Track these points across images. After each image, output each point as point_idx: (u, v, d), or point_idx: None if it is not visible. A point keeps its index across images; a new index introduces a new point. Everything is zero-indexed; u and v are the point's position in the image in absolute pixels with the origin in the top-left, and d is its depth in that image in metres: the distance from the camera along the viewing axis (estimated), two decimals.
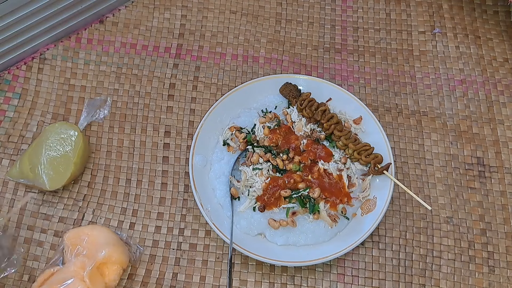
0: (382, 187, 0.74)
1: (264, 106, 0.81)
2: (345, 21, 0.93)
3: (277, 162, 0.74)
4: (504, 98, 0.85)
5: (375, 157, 0.74)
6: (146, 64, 0.87)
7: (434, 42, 0.90)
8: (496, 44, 0.90)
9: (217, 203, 0.74)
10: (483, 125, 0.83)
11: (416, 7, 0.93)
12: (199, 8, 0.92)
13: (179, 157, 0.80)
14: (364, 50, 0.90)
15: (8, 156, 0.78)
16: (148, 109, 0.83)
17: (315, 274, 0.72)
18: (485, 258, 0.73)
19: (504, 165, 0.80)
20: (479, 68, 0.88)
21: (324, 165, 0.75)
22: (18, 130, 0.80)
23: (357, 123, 0.79)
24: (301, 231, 0.71)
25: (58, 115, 0.82)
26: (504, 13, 0.93)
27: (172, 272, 0.72)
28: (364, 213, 0.73)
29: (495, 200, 0.77)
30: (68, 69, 0.86)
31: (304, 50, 0.89)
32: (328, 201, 0.72)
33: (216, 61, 0.88)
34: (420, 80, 0.87)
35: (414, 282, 0.72)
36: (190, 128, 0.82)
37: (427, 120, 0.83)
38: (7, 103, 0.82)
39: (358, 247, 0.73)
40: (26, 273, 0.71)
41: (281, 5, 0.93)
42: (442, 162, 0.80)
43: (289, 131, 0.77)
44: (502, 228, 0.75)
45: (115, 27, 0.89)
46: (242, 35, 0.90)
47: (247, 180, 0.74)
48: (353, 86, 0.86)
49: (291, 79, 0.81)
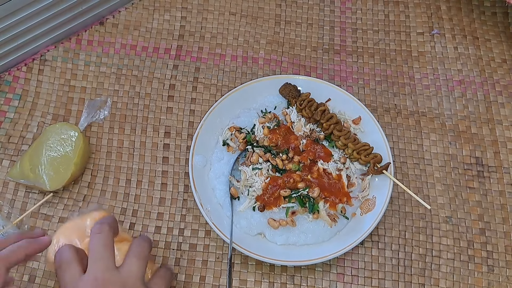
0: (381, 187, 0.74)
1: (264, 106, 0.81)
2: (344, 23, 0.93)
3: (277, 162, 0.74)
4: (502, 98, 0.85)
5: (375, 156, 0.74)
6: (146, 65, 0.87)
7: (432, 43, 0.91)
8: (494, 45, 0.90)
9: (217, 203, 0.74)
10: (482, 125, 0.83)
11: (415, 9, 0.94)
12: (199, 9, 0.93)
13: (179, 158, 0.80)
14: (363, 51, 0.90)
15: (9, 157, 0.79)
16: (148, 110, 0.84)
17: (315, 274, 0.72)
18: (484, 258, 0.74)
19: (502, 165, 0.80)
20: (477, 68, 0.88)
21: (323, 164, 0.75)
22: (18, 131, 0.81)
23: (356, 123, 0.79)
24: (301, 231, 0.72)
25: (59, 116, 0.82)
26: (502, 14, 0.93)
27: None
28: (364, 212, 0.73)
29: (494, 200, 0.78)
30: (69, 70, 0.86)
31: (303, 51, 0.90)
32: (327, 201, 0.73)
33: (215, 62, 0.88)
34: (418, 80, 0.87)
35: (413, 281, 0.72)
36: (190, 128, 0.82)
37: (426, 120, 0.84)
38: (7, 104, 0.83)
39: (358, 247, 0.74)
40: (26, 273, 0.71)
41: (280, 6, 0.94)
42: (441, 162, 0.80)
43: (289, 131, 0.78)
44: (501, 227, 0.76)
45: (115, 28, 0.90)
46: (241, 36, 0.91)
47: (247, 180, 0.74)
48: (352, 87, 0.86)
49: (291, 80, 0.81)
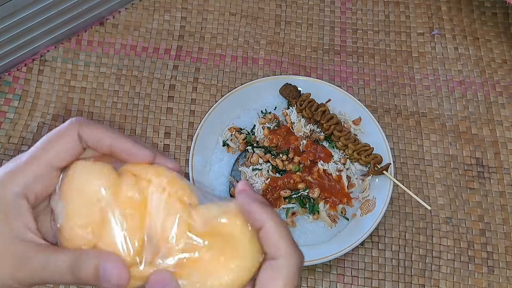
0: (381, 188, 0.74)
1: (264, 107, 0.81)
2: (344, 23, 0.93)
3: (277, 162, 0.74)
4: (503, 99, 0.85)
5: (375, 157, 0.74)
6: (146, 66, 0.87)
7: (433, 43, 0.91)
8: (494, 46, 0.90)
9: None
10: (482, 126, 0.83)
11: (415, 9, 0.94)
12: (199, 10, 0.93)
13: (179, 158, 0.80)
14: (363, 51, 0.90)
15: (9, 158, 0.79)
16: (148, 110, 0.84)
17: (315, 275, 0.72)
18: (484, 259, 0.74)
19: (503, 166, 0.80)
20: (478, 69, 0.88)
21: (323, 165, 0.75)
22: (18, 131, 0.81)
23: (357, 124, 0.79)
24: (301, 232, 0.72)
25: (59, 116, 0.82)
26: (502, 14, 0.93)
27: None
28: (364, 213, 0.73)
29: (494, 201, 0.77)
30: (69, 71, 0.86)
31: (304, 52, 0.90)
32: (327, 202, 0.73)
33: (216, 62, 0.88)
34: (419, 81, 0.87)
35: (413, 282, 0.72)
36: (190, 129, 0.82)
37: (426, 121, 0.84)
38: (7, 105, 0.82)
39: (358, 248, 0.73)
40: None
41: (281, 7, 0.94)
42: (441, 163, 0.80)
43: (289, 132, 0.78)
44: (501, 228, 0.76)
45: (115, 29, 0.90)
46: (241, 37, 0.91)
47: (247, 180, 0.74)
48: (352, 87, 0.86)
49: (291, 80, 0.81)
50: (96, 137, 0.34)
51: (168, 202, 0.33)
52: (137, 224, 0.32)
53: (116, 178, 0.33)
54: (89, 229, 0.32)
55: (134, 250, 0.32)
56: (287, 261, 0.33)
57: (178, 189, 0.34)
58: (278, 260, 0.33)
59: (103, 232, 0.32)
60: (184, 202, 0.34)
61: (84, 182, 0.33)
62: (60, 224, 0.33)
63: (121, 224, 0.32)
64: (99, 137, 0.34)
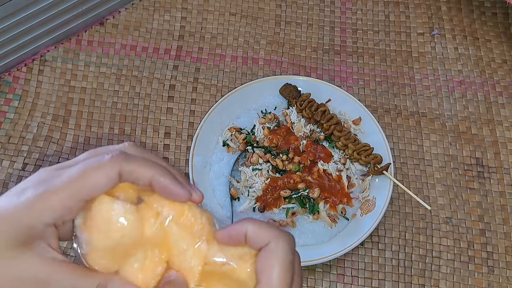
0: (381, 188, 0.74)
1: (264, 107, 0.81)
2: (344, 23, 0.93)
3: (277, 162, 0.74)
4: (503, 99, 0.85)
5: (375, 157, 0.74)
6: (146, 66, 0.87)
7: (433, 43, 0.91)
8: (494, 46, 0.90)
9: (217, 204, 0.74)
10: (482, 126, 0.83)
11: (415, 9, 0.94)
12: (199, 10, 0.93)
13: (179, 158, 0.80)
14: (363, 51, 0.90)
15: (9, 157, 0.79)
16: (148, 110, 0.84)
17: (315, 275, 0.72)
18: (484, 258, 0.74)
19: (503, 166, 0.80)
20: (477, 69, 0.88)
21: (323, 165, 0.75)
22: (18, 132, 0.81)
23: (357, 124, 0.79)
24: (301, 232, 0.72)
25: (59, 116, 0.82)
26: (502, 14, 0.93)
27: None
28: (364, 213, 0.73)
29: (494, 201, 0.77)
30: (69, 71, 0.86)
31: (304, 52, 0.90)
32: (327, 202, 0.73)
33: (216, 62, 0.88)
34: (419, 81, 0.87)
35: (413, 282, 0.72)
36: (190, 129, 0.82)
37: (426, 121, 0.84)
38: (7, 105, 0.82)
39: (358, 248, 0.73)
40: None
41: (281, 7, 0.94)
42: (441, 163, 0.80)
43: (289, 132, 0.78)
44: (501, 228, 0.76)
45: (115, 29, 0.90)
46: (241, 37, 0.91)
47: (247, 180, 0.74)
48: (352, 87, 0.86)
49: (291, 80, 0.81)
50: (136, 175, 0.35)
51: (186, 238, 0.36)
52: (157, 259, 0.36)
53: (138, 218, 0.35)
54: (113, 261, 0.35)
55: (155, 281, 0.35)
56: (277, 243, 0.35)
57: (199, 227, 0.36)
58: (269, 244, 0.35)
59: (126, 263, 0.35)
60: (201, 238, 0.36)
61: (108, 221, 0.34)
62: (84, 253, 0.35)
63: (143, 258, 0.35)
64: (139, 175, 0.35)
